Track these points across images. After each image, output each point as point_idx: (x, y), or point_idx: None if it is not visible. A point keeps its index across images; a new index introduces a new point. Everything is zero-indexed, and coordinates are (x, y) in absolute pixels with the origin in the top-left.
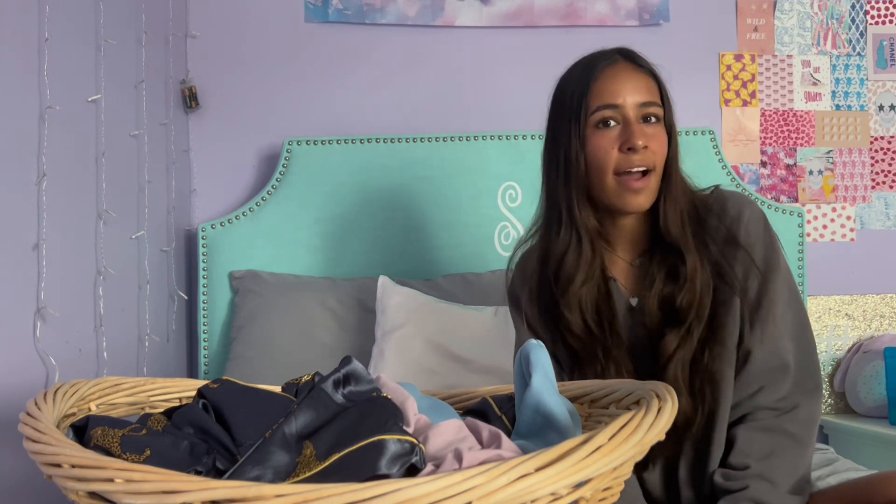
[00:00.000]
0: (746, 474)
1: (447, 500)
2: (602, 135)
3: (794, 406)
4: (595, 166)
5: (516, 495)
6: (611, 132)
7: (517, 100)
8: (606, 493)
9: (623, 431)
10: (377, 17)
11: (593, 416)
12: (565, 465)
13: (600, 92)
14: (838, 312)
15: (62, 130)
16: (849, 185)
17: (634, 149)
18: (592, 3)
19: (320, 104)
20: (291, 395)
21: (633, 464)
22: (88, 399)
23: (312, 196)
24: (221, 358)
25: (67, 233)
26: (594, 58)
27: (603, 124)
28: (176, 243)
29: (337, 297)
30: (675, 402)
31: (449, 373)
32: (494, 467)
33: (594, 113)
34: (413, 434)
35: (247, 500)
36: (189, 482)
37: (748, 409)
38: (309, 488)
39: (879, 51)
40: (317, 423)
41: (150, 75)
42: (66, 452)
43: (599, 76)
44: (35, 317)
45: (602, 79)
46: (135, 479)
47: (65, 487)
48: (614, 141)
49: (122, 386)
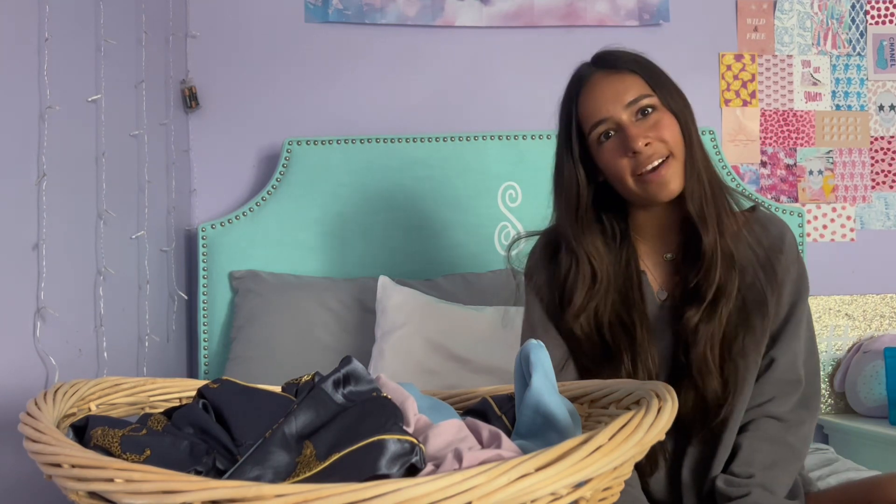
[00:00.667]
0: (749, 482)
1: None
2: (606, 148)
3: (799, 421)
4: (613, 177)
5: (516, 495)
6: (613, 142)
7: (517, 100)
8: (606, 493)
9: (623, 431)
10: (377, 17)
11: (593, 416)
12: (565, 464)
13: (585, 114)
14: (838, 312)
15: (62, 130)
16: (849, 185)
17: (637, 151)
18: (592, 3)
19: (320, 104)
20: (291, 395)
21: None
22: (88, 399)
23: (312, 196)
24: (221, 358)
25: (67, 233)
26: (573, 79)
27: (604, 137)
28: (176, 243)
29: (337, 297)
30: (675, 402)
31: (449, 373)
32: (494, 467)
33: (591, 133)
34: (413, 434)
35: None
36: (189, 482)
37: (756, 415)
38: (309, 488)
39: (879, 51)
40: (317, 423)
41: (150, 75)
42: (66, 452)
43: (581, 97)
44: (35, 317)
45: (584, 99)
46: (135, 479)
47: (65, 487)
48: (619, 149)
49: (122, 386)
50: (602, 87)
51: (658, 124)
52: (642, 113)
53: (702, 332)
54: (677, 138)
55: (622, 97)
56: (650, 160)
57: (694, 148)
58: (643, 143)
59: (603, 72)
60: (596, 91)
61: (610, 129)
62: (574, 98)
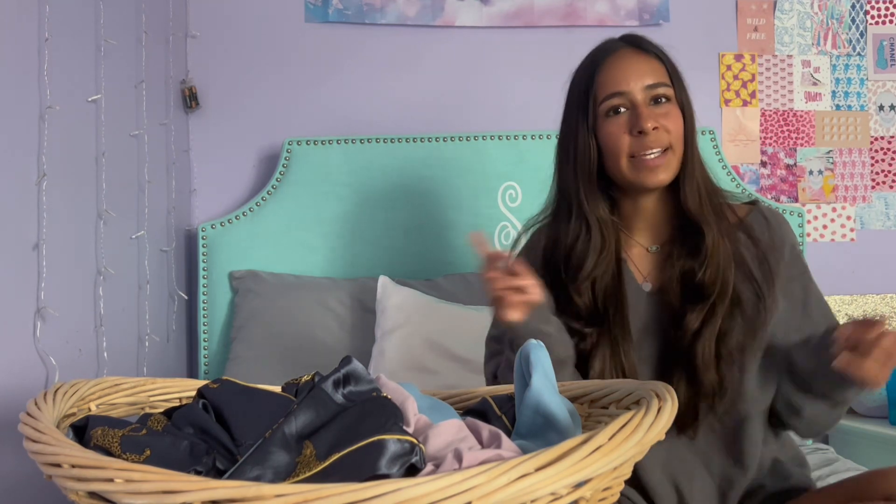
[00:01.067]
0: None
1: (447, 499)
2: (612, 122)
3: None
4: (609, 152)
5: (516, 495)
6: (620, 118)
7: (517, 100)
8: (606, 493)
9: (623, 431)
10: (377, 17)
11: (593, 415)
12: (565, 464)
13: (605, 81)
14: (838, 312)
15: (62, 130)
16: (849, 185)
17: (644, 132)
18: (592, 3)
19: (320, 104)
20: (291, 395)
21: (633, 464)
22: (88, 399)
23: (312, 196)
24: (221, 358)
25: (67, 233)
26: (599, 49)
27: (613, 112)
28: (176, 243)
29: (337, 297)
30: (675, 402)
31: (449, 373)
32: (494, 467)
33: (603, 102)
34: (413, 434)
35: (247, 500)
36: (189, 482)
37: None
38: (309, 488)
39: (879, 51)
40: (317, 423)
41: (150, 75)
42: (66, 452)
43: (603, 66)
44: (35, 317)
45: (606, 68)
46: (135, 479)
47: (65, 487)
48: (624, 126)
49: (122, 386)
50: (627, 62)
51: (668, 115)
52: (656, 100)
53: (704, 331)
54: (680, 133)
55: (644, 78)
56: (651, 146)
57: (693, 147)
58: (651, 126)
59: (631, 49)
60: (621, 64)
61: (622, 104)
62: (596, 65)
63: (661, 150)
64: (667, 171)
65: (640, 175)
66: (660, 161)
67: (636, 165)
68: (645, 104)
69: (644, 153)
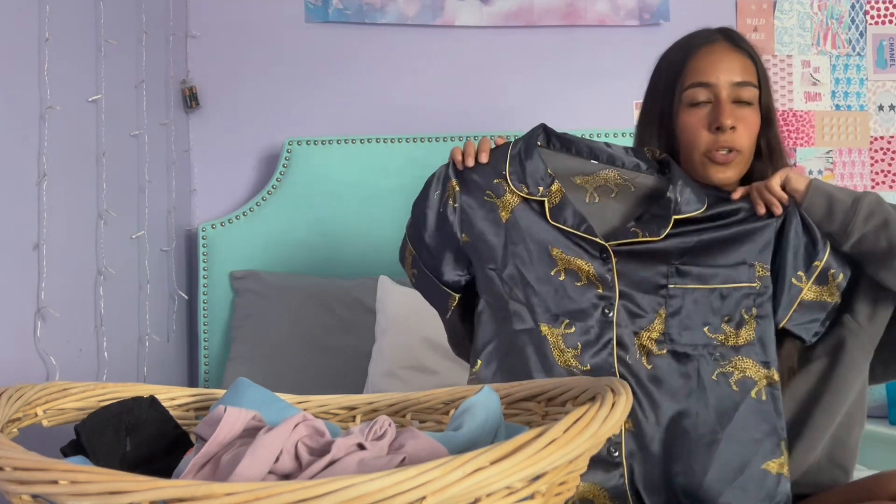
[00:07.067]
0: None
1: (401, 494)
2: (692, 113)
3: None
4: (684, 144)
5: (471, 489)
6: (701, 111)
7: (517, 100)
8: (562, 488)
9: (577, 425)
10: (377, 16)
11: (550, 414)
12: (520, 458)
13: (695, 69)
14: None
15: (62, 130)
16: (849, 184)
17: (722, 128)
18: (592, 3)
19: (320, 104)
20: None
21: (588, 457)
22: (35, 404)
23: (312, 196)
24: (221, 358)
25: (67, 233)
26: (695, 35)
27: (695, 103)
28: (176, 243)
29: (337, 297)
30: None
31: (449, 373)
32: (449, 461)
33: (687, 90)
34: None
35: (196, 498)
36: (135, 482)
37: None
38: (260, 486)
39: (879, 51)
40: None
41: (150, 75)
42: (7, 455)
43: (696, 54)
44: (35, 317)
45: (698, 56)
46: (80, 481)
47: (7, 492)
48: (703, 120)
49: (70, 391)
50: (722, 55)
51: (746, 119)
52: (741, 101)
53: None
54: (753, 140)
55: (735, 74)
56: (725, 145)
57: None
58: (730, 123)
59: (728, 43)
60: (715, 55)
61: (706, 97)
62: (689, 52)
63: (732, 150)
64: (734, 169)
65: (708, 169)
66: (729, 158)
67: (708, 160)
68: (728, 101)
69: (718, 150)
